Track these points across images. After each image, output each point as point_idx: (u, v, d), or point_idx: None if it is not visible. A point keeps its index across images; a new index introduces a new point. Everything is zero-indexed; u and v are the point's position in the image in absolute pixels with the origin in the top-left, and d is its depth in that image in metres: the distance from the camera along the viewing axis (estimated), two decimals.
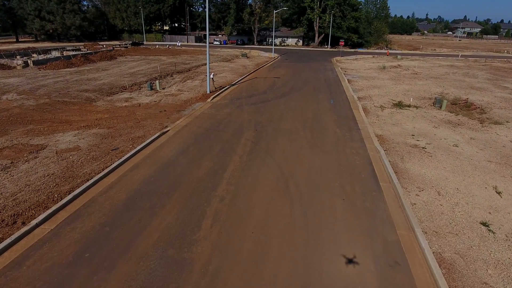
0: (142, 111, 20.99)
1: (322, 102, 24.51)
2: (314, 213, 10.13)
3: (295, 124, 18.83)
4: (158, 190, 11.35)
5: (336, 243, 8.81)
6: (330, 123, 19.22)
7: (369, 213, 10.23)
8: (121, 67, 39.13)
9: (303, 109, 22.24)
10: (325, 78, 36.29)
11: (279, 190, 11.48)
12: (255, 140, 16.08)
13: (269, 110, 21.88)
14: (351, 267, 7.96)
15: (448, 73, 40.07)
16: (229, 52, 64.97)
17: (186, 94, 26.28)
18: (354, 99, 25.53)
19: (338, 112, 21.83)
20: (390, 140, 16.57)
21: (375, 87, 30.78)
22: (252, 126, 18.36)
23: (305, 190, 11.47)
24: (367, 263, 8.12)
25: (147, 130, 17.34)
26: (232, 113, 20.92)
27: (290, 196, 11.08)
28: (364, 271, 7.86)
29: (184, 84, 30.61)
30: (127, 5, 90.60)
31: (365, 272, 7.83)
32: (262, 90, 28.36)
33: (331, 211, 10.30)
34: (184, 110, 21.74)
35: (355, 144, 15.93)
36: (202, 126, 18.33)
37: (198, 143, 15.73)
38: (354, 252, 8.46)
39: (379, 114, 21.45)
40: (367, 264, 8.09)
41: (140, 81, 30.70)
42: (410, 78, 35.32)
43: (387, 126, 18.95)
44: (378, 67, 46.14)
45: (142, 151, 14.72)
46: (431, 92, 28.16)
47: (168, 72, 36.08)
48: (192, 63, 44.98)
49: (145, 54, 54.53)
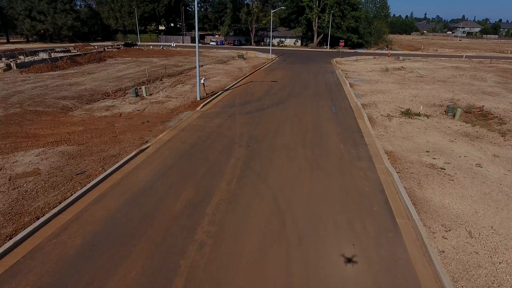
0: (122, 123, 18.77)
1: (323, 110, 22.33)
2: (317, 267, 7.95)
3: (293, 138, 16.63)
4: (123, 232, 9.14)
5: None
6: (333, 137, 17.03)
7: (387, 266, 8.04)
8: (109, 70, 36.86)
9: (302, 119, 20.05)
10: (325, 81, 34.11)
11: (273, 231, 9.28)
12: (246, 160, 13.88)
13: (265, 120, 19.68)
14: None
15: (455, 76, 37.95)
16: (225, 53, 62.74)
17: (174, 101, 24.04)
18: (358, 106, 23.37)
19: (341, 122, 19.65)
20: (402, 158, 14.40)
21: (379, 92, 28.62)
22: (244, 141, 16.16)
23: (305, 232, 9.28)
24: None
25: (123, 146, 15.12)
26: (223, 125, 18.70)
27: (287, 241, 8.89)
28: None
29: (174, 89, 28.38)
30: (121, 4, 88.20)
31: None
32: (257, 96, 26.15)
33: (338, 263, 8.11)
34: (170, 120, 19.52)
35: (363, 164, 13.75)
36: (187, 141, 16.11)
37: (180, 164, 13.51)
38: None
39: (386, 124, 19.29)
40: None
41: (125, 86, 28.46)
42: (416, 82, 33.17)
43: (397, 140, 16.78)
44: (380, 69, 44.00)
45: (113, 175, 12.50)
46: (441, 97, 26.02)
47: (158, 75, 33.83)
48: (185, 65, 42.73)
49: (136, 56, 52.25)
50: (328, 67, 47.28)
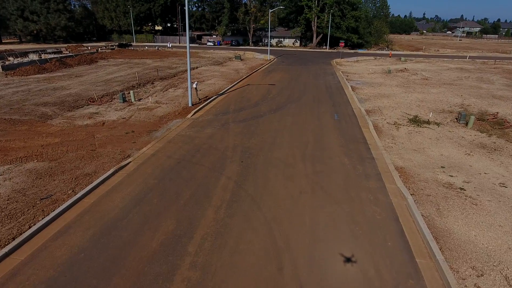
0: (104, 133, 17.06)
1: (324, 117, 20.67)
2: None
3: (292, 152, 14.96)
4: (84, 280, 7.46)
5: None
6: (336, 149, 15.36)
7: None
8: (99, 73, 35.11)
9: (301, 128, 18.38)
10: (325, 84, 32.46)
11: (269, 278, 7.61)
12: (239, 179, 12.20)
13: (261, 129, 17.99)
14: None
15: (460, 78, 36.36)
16: (222, 54, 61.04)
17: (164, 107, 22.33)
18: (362, 113, 21.71)
19: (344, 131, 17.99)
20: (415, 176, 12.75)
21: (383, 96, 26.98)
22: (237, 155, 14.47)
23: (306, 280, 7.61)
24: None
25: (101, 163, 13.43)
26: (214, 135, 17.02)
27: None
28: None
29: (165, 93, 26.67)
30: (116, 4, 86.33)
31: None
32: (254, 101, 24.46)
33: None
34: (157, 130, 17.83)
35: (372, 184, 12.08)
36: (173, 155, 14.42)
37: (162, 185, 11.82)
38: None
39: (394, 134, 17.63)
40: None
41: (114, 90, 26.73)
42: (421, 85, 31.54)
43: (408, 153, 15.13)
44: (382, 70, 42.37)
45: (84, 199, 10.81)
46: (449, 102, 24.39)
47: (150, 78, 32.10)
48: (179, 67, 41.01)
49: (130, 57, 50.49)
50: (328, 68, 45.64)
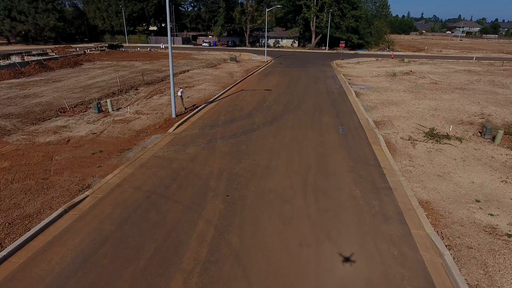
0: (65, 154, 14.28)
1: (327, 131, 17.94)
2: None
3: (290, 180, 12.22)
4: None
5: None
6: (344, 176, 12.63)
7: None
8: (80, 77, 32.28)
9: (302, 146, 15.65)
10: (327, 89, 29.74)
11: None
12: (221, 224, 9.45)
13: (253, 148, 15.24)
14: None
15: (471, 82, 33.74)
16: (216, 56, 58.26)
17: (143, 119, 19.55)
18: (370, 125, 19.01)
19: (352, 150, 15.26)
20: (446, 216, 10.04)
21: (391, 103, 24.28)
22: (222, 185, 11.72)
23: None
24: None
25: (50, 198, 10.66)
26: (197, 157, 14.25)
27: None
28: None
29: (148, 101, 23.88)
30: (108, 4, 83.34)
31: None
32: (247, 111, 21.71)
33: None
34: (131, 149, 15.06)
35: (393, 230, 9.35)
36: (143, 186, 11.66)
37: (121, 233, 9.06)
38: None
39: (411, 153, 14.92)
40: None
41: (91, 98, 23.92)
42: (431, 90, 28.87)
43: (431, 179, 12.42)
44: (386, 73, 39.71)
45: (11, 258, 8.05)
46: (467, 111, 21.72)
47: (134, 83, 29.28)
48: (169, 70, 38.12)
49: (118, 59, 47.64)
50: (329, 71, 42.95)
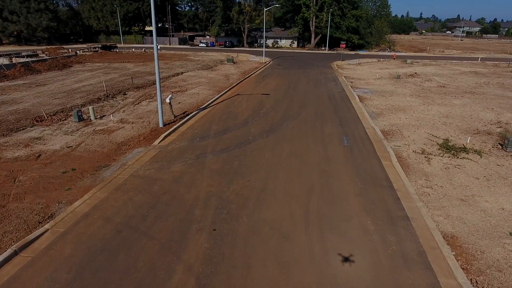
0: (32, 173, 12.46)
1: (330, 143, 16.15)
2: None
3: (290, 208, 10.42)
4: None
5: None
6: (352, 201, 10.84)
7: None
8: (66, 81, 30.44)
9: (302, 162, 13.85)
10: (328, 93, 27.97)
11: None
12: (204, 274, 7.64)
13: (247, 165, 13.44)
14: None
15: (480, 85, 32.02)
16: (213, 57, 56.45)
17: (127, 129, 17.73)
18: (377, 135, 17.23)
19: (359, 167, 13.47)
20: (477, 256, 8.27)
21: (398, 109, 22.52)
22: (209, 216, 9.92)
23: None
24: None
25: (1, 233, 8.85)
26: (183, 176, 12.45)
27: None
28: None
29: (135, 108, 22.05)
30: (102, 3, 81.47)
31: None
32: (242, 119, 19.91)
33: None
34: (109, 166, 13.25)
35: (417, 280, 7.54)
36: (115, 216, 9.85)
37: (78, 286, 7.25)
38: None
39: (426, 170, 13.14)
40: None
41: (74, 104, 22.08)
42: (440, 94, 27.11)
43: (454, 205, 10.64)
44: (390, 75, 37.97)
45: None
46: (482, 119, 19.97)
47: (122, 88, 27.44)
48: (162, 73, 36.36)
49: (110, 61, 45.79)
50: (329, 72, 41.20)
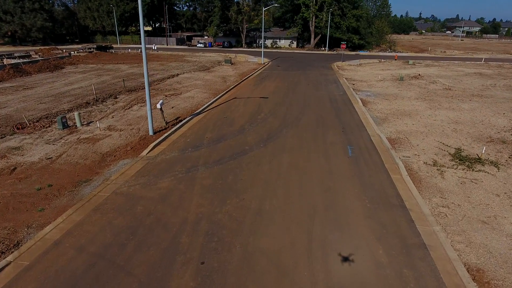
0: (3, 190, 11.18)
1: (334, 153, 14.91)
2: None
3: (290, 234, 9.15)
4: None
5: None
6: (361, 226, 9.58)
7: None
8: (56, 83, 29.14)
9: (303, 177, 12.60)
10: (329, 97, 26.73)
11: None
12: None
13: (243, 180, 12.18)
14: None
15: (486, 87, 30.83)
16: (211, 58, 55.18)
17: (114, 137, 16.46)
18: (384, 144, 16.00)
19: (366, 181, 12.22)
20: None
21: (404, 114, 21.29)
22: (197, 244, 8.66)
23: None
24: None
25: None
26: (170, 194, 11.18)
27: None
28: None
29: (126, 113, 20.77)
30: (99, 3, 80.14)
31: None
32: (238, 125, 18.66)
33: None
34: (90, 181, 11.99)
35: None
36: (89, 245, 8.58)
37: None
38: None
39: (440, 185, 11.90)
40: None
41: (60, 109, 20.80)
42: (446, 97, 25.89)
43: (475, 229, 9.40)
44: (392, 77, 36.76)
45: None
46: (493, 125, 18.75)
47: (114, 91, 26.16)
48: (157, 74, 35.10)
49: (104, 62, 44.49)
50: (330, 74, 39.98)
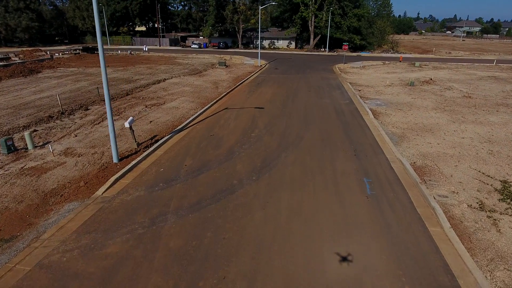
0: None
1: (347, 190, 11.55)
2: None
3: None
4: None
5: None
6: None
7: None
8: (23, 91, 25.64)
9: (309, 234, 9.20)
10: (334, 106, 23.41)
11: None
12: None
13: (226, 240, 8.77)
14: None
15: (508, 93, 27.62)
16: (204, 59, 51.77)
17: (69, 166, 13.03)
18: (409, 174, 12.67)
19: (396, 240, 8.86)
20: None
21: (424, 129, 17.98)
22: None
23: None
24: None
25: None
26: (119, 267, 7.76)
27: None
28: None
29: (94, 130, 17.33)
30: (88, 2, 76.56)
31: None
32: (227, 147, 15.27)
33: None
34: (12, 241, 8.58)
35: None
36: None
37: None
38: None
39: (498, 245, 8.56)
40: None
41: (14, 126, 17.34)
42: (469, 108, 22.62)
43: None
44: (401, 81, 33.50)
45: None
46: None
47: (88, 100, 22.72)
48: (142, 79, 31.68)
49: (87, 65, 40.99)
50: (332, 77, 36.70)
